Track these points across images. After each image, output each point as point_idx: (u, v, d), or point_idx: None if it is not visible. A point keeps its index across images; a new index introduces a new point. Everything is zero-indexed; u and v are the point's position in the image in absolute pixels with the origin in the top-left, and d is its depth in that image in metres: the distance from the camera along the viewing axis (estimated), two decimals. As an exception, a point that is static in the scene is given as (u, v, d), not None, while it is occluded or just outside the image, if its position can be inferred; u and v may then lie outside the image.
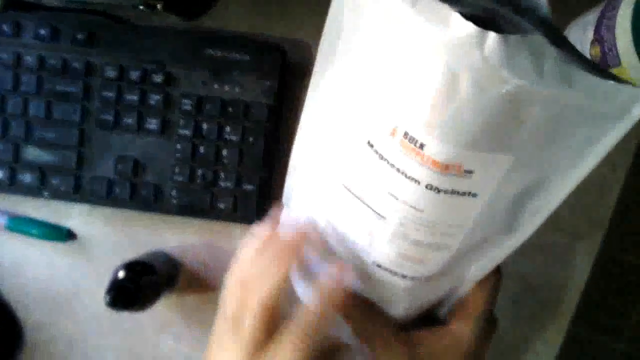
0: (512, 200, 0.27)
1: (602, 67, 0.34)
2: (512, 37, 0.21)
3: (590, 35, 0.35)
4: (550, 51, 0.22)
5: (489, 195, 0.26)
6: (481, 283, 0.31)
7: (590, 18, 0.36)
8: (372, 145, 0.26)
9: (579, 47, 0.36)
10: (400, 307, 0.32)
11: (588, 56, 0.35)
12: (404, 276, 0.29)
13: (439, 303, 0.33)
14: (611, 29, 0.33)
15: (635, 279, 1.04)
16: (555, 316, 0.45)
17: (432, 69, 0.22)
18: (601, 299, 0.97)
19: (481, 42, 0.21)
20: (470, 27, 0.21)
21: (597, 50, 0.34)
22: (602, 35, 0.34)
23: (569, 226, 0.44)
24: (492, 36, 0.21)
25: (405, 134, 0.24)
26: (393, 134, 0.25)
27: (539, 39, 0.22)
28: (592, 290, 0.46)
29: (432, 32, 0.22)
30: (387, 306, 0.32)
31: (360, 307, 0.32)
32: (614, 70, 0.33)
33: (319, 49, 0.29)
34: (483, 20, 0.22)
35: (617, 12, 0.33)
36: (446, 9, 0.22)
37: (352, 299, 0.32)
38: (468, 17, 0.22)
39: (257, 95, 0.41)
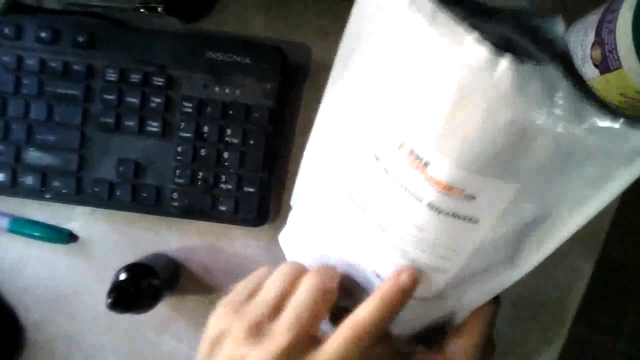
0: (516, 232, 0.27)
1: (603, 69, 0.34)
2: (526, 66, 0.21)
3: (591, 37, 0.35)
4: (563, 84, 0.21)
5: (490, 223, 0.25)
6: (480, 308, 0.30)
7: (592, 20, 0.36)
8: (378, 159, 0.26)
9: (579, 50, 0.36)
10: (395, 325, 0.32)
11: (589, 57, 0.35)
12: None
13: (435, 325, 0.33)
14: (612, 31, 0.33)
15: (635, 279, 1.04)
16: (555, 316, 0.45)
17: (443, 89, 0.22)
18: (601, 299, 0.97)
19: (493, 67, 0.21)
20: (483, 51, 0.21)
21: (597, 52, 0.34)
22: (603, 37, 0.34)
23: (569, 227, 0.44)
24: (504, 63, 0.21)
25: (411, 151, 0.24)
26: (400, 149, 0.24)
27: (552, 70, 0.21)
28: (592, 290, 0.46)
29: (446, 51, 0.21)
30: None
31: None
32: (615, 73, 0.33)
33: (337, 53, 0.28)
34: (502, 45, 0.21)
35: (617, 14, 0.33)
36: (463, 30, 0.21)
37: None
38: (488, 40, 0.21)
39: (258, 98, 0.41)
